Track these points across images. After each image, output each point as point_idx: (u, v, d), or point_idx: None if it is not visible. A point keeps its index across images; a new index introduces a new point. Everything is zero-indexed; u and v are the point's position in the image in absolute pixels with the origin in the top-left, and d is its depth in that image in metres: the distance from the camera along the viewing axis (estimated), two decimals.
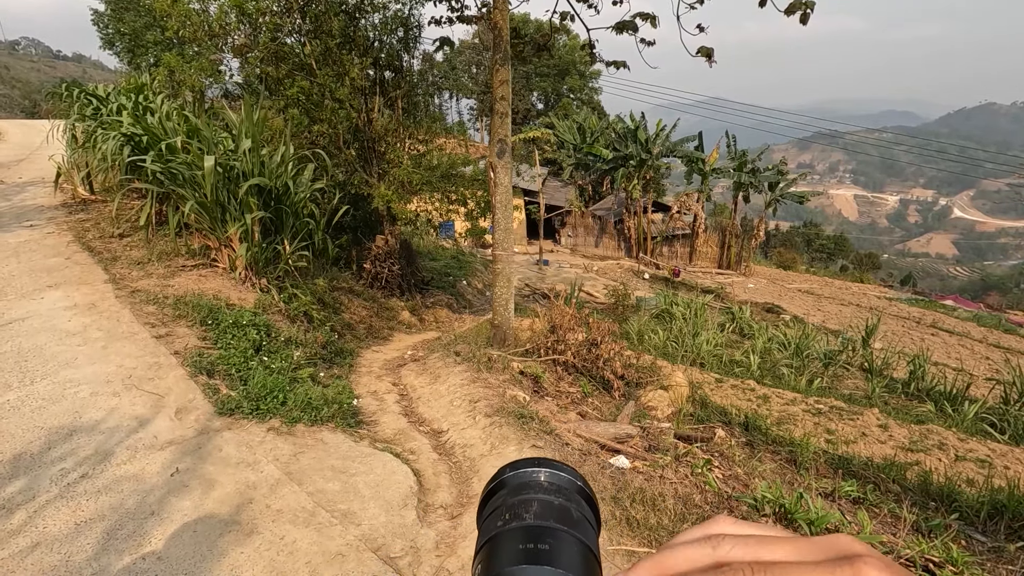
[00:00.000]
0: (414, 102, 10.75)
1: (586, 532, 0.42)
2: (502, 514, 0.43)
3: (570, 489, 0.47)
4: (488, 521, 0.44)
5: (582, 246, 28.17)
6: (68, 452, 3.27)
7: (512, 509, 0.43)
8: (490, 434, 4.25)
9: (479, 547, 0.42)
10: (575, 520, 0.42)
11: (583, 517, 0.44)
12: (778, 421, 6.60)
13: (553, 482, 0.47)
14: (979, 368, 12.32)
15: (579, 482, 0.48)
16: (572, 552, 0.39)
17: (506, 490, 0.47)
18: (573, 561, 0.38)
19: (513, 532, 0.40)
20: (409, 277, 11.09)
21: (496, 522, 0.42)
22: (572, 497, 0.46)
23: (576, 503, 0.45)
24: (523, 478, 0.47)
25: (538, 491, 0.45)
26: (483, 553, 0.40)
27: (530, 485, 0.46)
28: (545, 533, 0.40)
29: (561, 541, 0.39)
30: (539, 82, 41.07)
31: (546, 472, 0.47)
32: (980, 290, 63.55)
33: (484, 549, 0.41)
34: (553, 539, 0.39)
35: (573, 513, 0.43)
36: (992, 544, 3.97)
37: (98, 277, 5.90)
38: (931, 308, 23.07)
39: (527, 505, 0.43)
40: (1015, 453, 6.19)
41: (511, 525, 0.41)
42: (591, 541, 0.42)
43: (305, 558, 2.69)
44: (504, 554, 0.38)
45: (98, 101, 9.05)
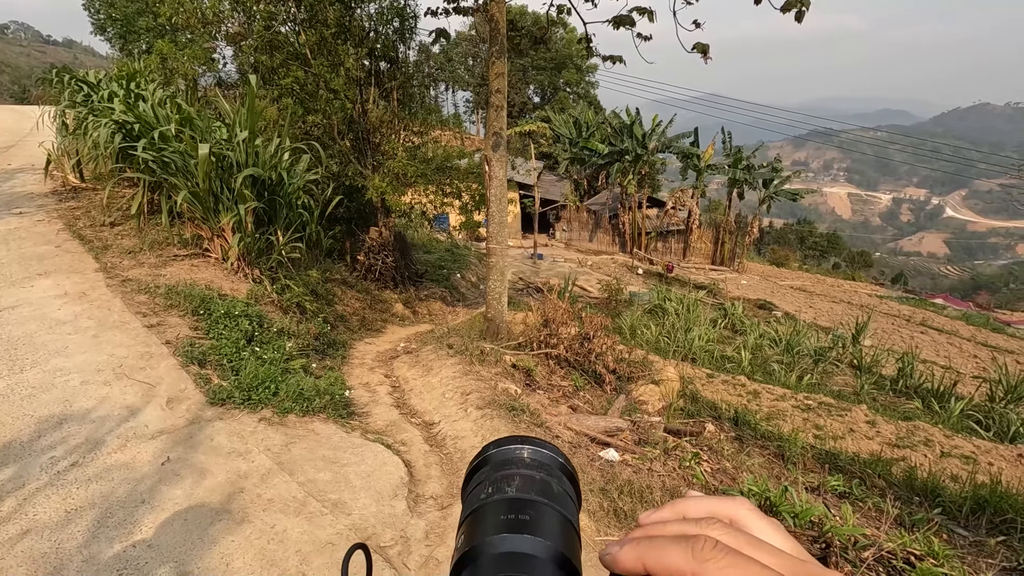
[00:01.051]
0: (409, 94, 10.70)
1: (566, 506, 0.43)
2: (485, 488, 0.44)
3: (551, 465, 0.48)
4: (472, 495, 0.46)
5: (576, 241, 28.19)
6: (58, 440, 3.27)
7: (495, 483, 0.44)
8: (481, 426, 4.27)
9: (463, 519, 0.43)
10: (556, 494, 0.44)
11: (564, 492, 0.45)
12: (768, 416, 6.67)
13: (535, 458, 0.48)
14: (967, 366, 12.47)
15: (560, 459, 0.49)
16: (552, 523, 0.40)
17: (490, 466, 0.48)
18: (552, 531, 0.39)
19: (496, 504, 0.42)
20: (403, 270, 11.08)
21: (479, 495, 0.44)
22: (554, 473, 0.47)
23: (557, 479, 0.47)
24: (506, 455, 0.49)
25: (520, 467, 0.47)
26: (466, 524, 0.42)
27: (513, 461, 0.48)
28: (526, 505, 0.41)
29: (541, 513, 0.41)
30: (536, 75, 40.94)
31: (529, 449, 0.49)
32: (970, 289, 64.19)
33: (467, 520, 0.42)
34: (534, 511, 0.41)
35: (554, 487, 0.45)
36: (973, 538, 4.04)
37: (89, 266, 5.86)
38: (921, 306, 23.28)
39: (510, 479, 0.45)
40: (999, 450, 6.29)
41: (494, 497, 0.42)
42: (571, 514, 0.43)
43: (295, 547, 2.71)
44: (486, 524, 0.40)
45: (89, 88, 8.95)
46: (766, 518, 0.35)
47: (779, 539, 0.34)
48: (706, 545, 0.30)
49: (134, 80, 8.76)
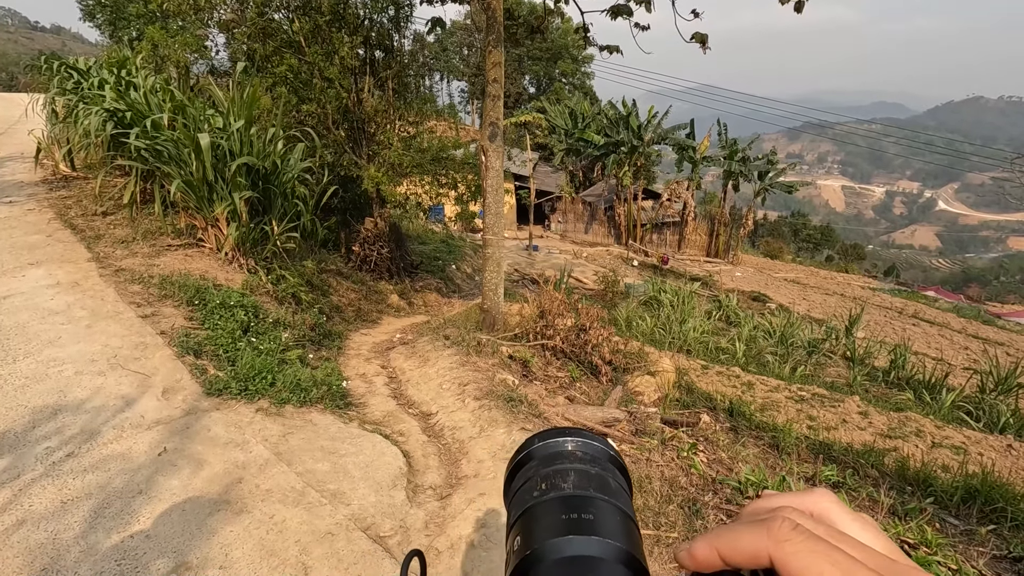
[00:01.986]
0: (405, 83, 10.61)
1: (625, 501, 0.41)
2: (537, 484, 0.41)
3: (603, 458, 0.46)
4: (521, 492, 0.42)
5: (572, 232, 28.18)
6: (53, 431, 3.24)
7: (548, 479, 0.41)
8: (479, 417, 4.27)
9: (513, 520, 0.40)
10: (613, 489, 0.41)
11: (620, 486, 0.43)
12: (762, 407, 6.71)
13: (586, 451, 0.45)
14: (958, 358, 12.60)
15: (611, 451, 0.47)
16: (615, 521, 0.38)
17: (536, 461, 0.45)
18: (618, 530, 0.37)
19: (552, 503, 0.39)
20: (398, 260, 11.03)
21: (532, 492, 0.41)
22: (606, 466, 0.45)
23: (611, 472, 0.44)
24: (553, 448, 0.46)
25: (572, 460, 0.44)
26: (519, 526, 0.39)
27: (563, 455, 0.45)
28: (586, 503, 0.38)
29: (603, 511, 0.38)
30: (531, 65, 40.71)
31: (577, 441, 0.46)
32: (961, 282, 64.73)
33: (520, 521, 0.39)
34: (595, 509, 0.38)
35: (611, 482, 0.42)
36: (964, 527, 4.09)
37: (81, 255, 5.79)
38: (913, 299, 23.47)
39: (563, 475, 0.42)
40: (989, 440, 6.36)
41: (549, 495, 0.39)
42: (630, 510, 0.41)
43: (295, 536, 2.71)
44: (545, 525, 0.37)
45: (79, 75, 8.82)
46: (853, 512, 0.32)
47: (869, 536, 0.30)
48: (784, 525, 0.28)
49: (124, 67, 8.63)
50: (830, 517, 0.31)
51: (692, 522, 2.99)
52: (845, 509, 0.32)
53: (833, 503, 0.32)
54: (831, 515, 0.31)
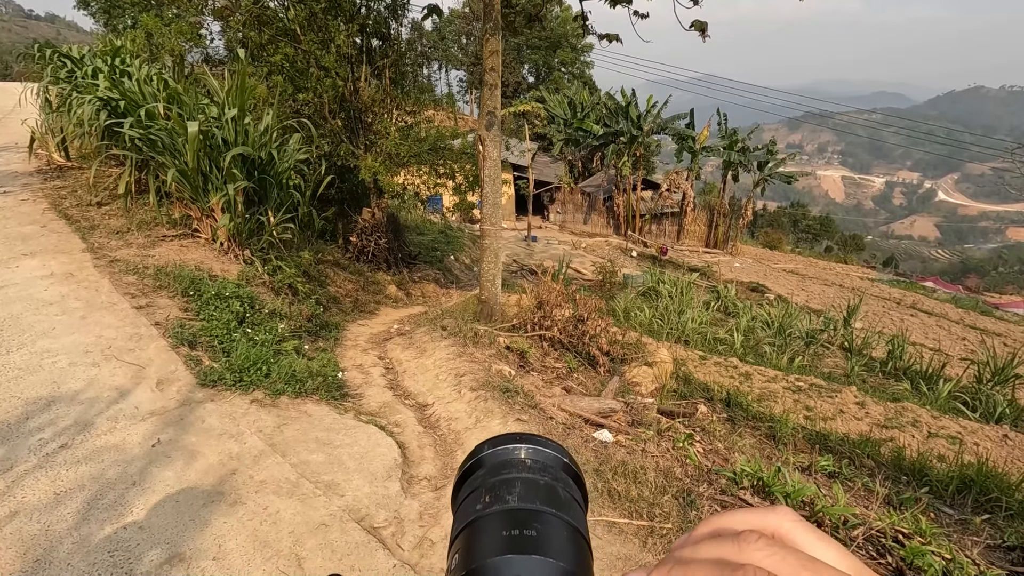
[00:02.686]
0: (402, 72, 10.51)
1: (575, 514, 0.38)
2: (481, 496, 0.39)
3: (555, 467, 0.43)
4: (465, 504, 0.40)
5: (571, 223, 28.10)
6: (47, 422, 3.23)
7: (493, 490, 0.39)
8: (475, 408, 4.27)
9: (456, 533, 0.38)
10: (563, 501, 0.38)
11: (571, 498, 0.40)
12: (759, 398, 6.72)
13: (537, 459, 0.42)
14: (955, 348, 12.62)
15: (565, 459, 0.44)
16: (561, 537, 0.35)
17: (484, 469, 0.42)
18: (563, 548, 0.34)
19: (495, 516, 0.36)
20: (396, 251, 10.99)
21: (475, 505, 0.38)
22: (558, 475, 0.42)
23: (563, 482, 0.41)
24: (503, 456, 0.43)
25: (521, 470, 0.41)
26: (461, 540, 0.36)
27: (512, 463, 0.42)
28: (531, 517, 0.36)
29: (549, 526, 0.35)
30: (530, 54, 40.39)
31: (529, 448, 0.43)
32: (960, 272, 64.80)
33: (462, 536, 0.37)
34: (540, 523, 0.35)
35: (561, 493, 0.39)
36: (959, 517, 4.10)
37: (76, 246, 5.76)
38: (912, 290, 23.47)
39: (510, 486, 0.39)
40: (985, 431, 6.38)
41: (492, 508, 0.37)
42: (581, 524, 0.38)
43: (289, 528, 2.70)
44: (485, 542, 0.34)
45: (72, 63, 8.73)
46: (815, 530, 0.30)
47: (833, 555, 0.28)
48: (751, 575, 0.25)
49: (119, 56, 8.54)
50: (793, 538, 0.29)
51: (686, 513, 2.99)
52: (809, 528, 0.30)
53: (796, 523, 0.30)
54: (795, 536, 0.29)
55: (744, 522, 0.30)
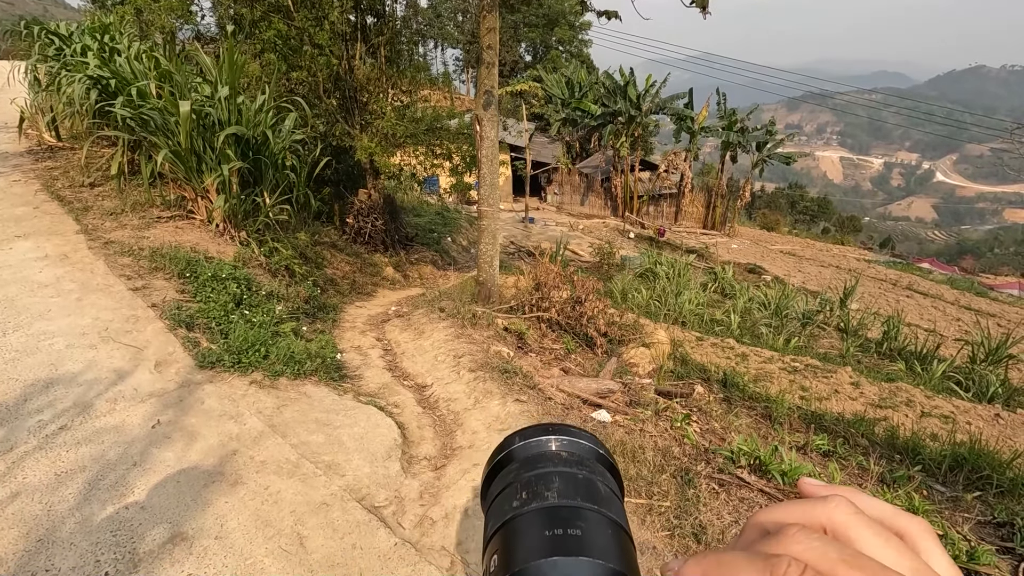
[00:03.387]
0: (397, 50, 10.33)
1: (616, 509, 0.37)
2: (517, 492, 0.37)
3: (591, 459, 0.41)
4: (499, 501, 0.38)
5: (568, 204, 27.98)
6: (46, 404, 3.23)
7: (529, 486, 0.37)
8: (474, 388, 4.28)
9: (490, 533, 0.36)
10: (603, 497, 0.37)
11: (610, 492, 0.38)
12: (755, 378, 6.77)
13: (572, 452, 0.41)
14: (950, 329, 12.71)
15: (600, 450, 0.42)
16: (606, 536, 0.33)
17: (517, 463, 0.40)
18: (609, 546, 0.32)
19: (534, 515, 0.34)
20: (393, 233, 10.94)
21: (510, 502, 0.36)
22: (595, 468, 0.40)
23: (600, 475, 0.39)
24: (536, 448, 0.41)
25: (557, 463, 0.39)
26: (498, 540, 0.34)
27: (546, 456, 0.40)
28: (573, 515, 0.34)
29: (593, 523, 0.34)
30: (527, 32, 39.77)
31: (563, 440, 0.41)
32: (956, 254, 65.00)
33: (499, 535, 0.35)
34: (584, 522, 0.34)
35: (600, 488, 0.37)
36: (951, 494, 4.17)
37: (69, 228, 5.70)
38: (908, 271, 23.56)
39: (547, 481, 0.37)
40: (977, 410, 6.45)
41: (531, 506, 0.35)
42: (622, 519, 0.36)
43: (290, 507, 2.72)
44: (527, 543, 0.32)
45: (61, 40, 8.55)
46: (873, 525, 0.27)
47: (891, 554, 0.26)
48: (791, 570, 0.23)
49: (108, 33, 8.36)
50: (848, 534, 0.27)
51: (684, 491, 3.02)
52: (866, 523, 0.27)
53: (851, 515, 0.27)
54: (849, 531, 0.27)
55: (794, 515, 0.28)
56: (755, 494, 3.06)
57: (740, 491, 3.09)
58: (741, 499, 3.03)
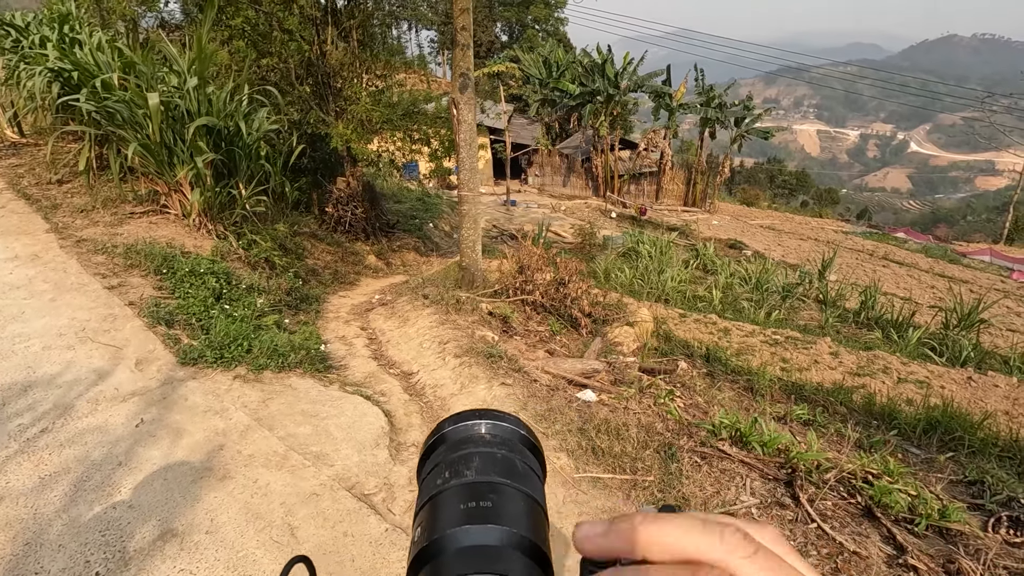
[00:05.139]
0: (370, 33, 10.13)
1: (532, 484, 0.41)
2: (442, 472, 0.41)
3: (514, 439, 0.45)
4: (428, 480, 0.42)
5: (550, 185, 27.90)
6: (25, 408, 3.18)
7: (452, 466, 0.41)
8: (460, 374, 4.31)
9: (419, 508, 0.40)
10: (520, 473, 0.41)
11: (529, 468, 0.42)
12: (738, 352, 6.89)
13: (496, 434, 0.45)
14: (924, 297, 13.03)
15: (523, 431, 0.46)
16: (517, 507, 0.37)
17: (446, 446, 0.45)
18: (518, 516, 0.37)
19: (454, 490, 0.38)
20: (374, 220, 10.84)
21: (436, 480, 0.41)
22: (516, 448, 0.44)
23: (520, 454, 0.44)
24: (463, 432, 0.45)
25: (479, 444, 0.43)
26: (423, 514, 0.39)
27: (471, 439, 0.44)
28: (487, 489, 0.38)
29: (505, 496, 0.38)
30: (503, 12, 39.20)
31: (488, 424, 0.46)
32: (930, 222, 66.28)
33: (424, 510, 0.39)
34: (496, 494, 0.38)
35: (518, 465, 0.42)
36: (925, 456, 4.32)
37: (39, 227, 5.56)
38: (884, 241, 24.00)
39: (468, 460, 0.41)
40: (951, 374, 6.66)
41: (451, 483, 0.39)
42: (538, 493, 0.41)
43: (280, 499, 2.74)
44: (446, 514, 0.37)
45: (17, 32, 8.22)
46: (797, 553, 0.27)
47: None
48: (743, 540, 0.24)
49: (67, 23, 8.07)
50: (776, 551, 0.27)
51: (667, 465, 3.10)
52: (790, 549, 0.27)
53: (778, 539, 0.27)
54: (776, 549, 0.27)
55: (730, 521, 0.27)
56: (736, 465, 3.15)
57: (722, 463, 3.17)
58: (722, 470, 3.11)
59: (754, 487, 2.99)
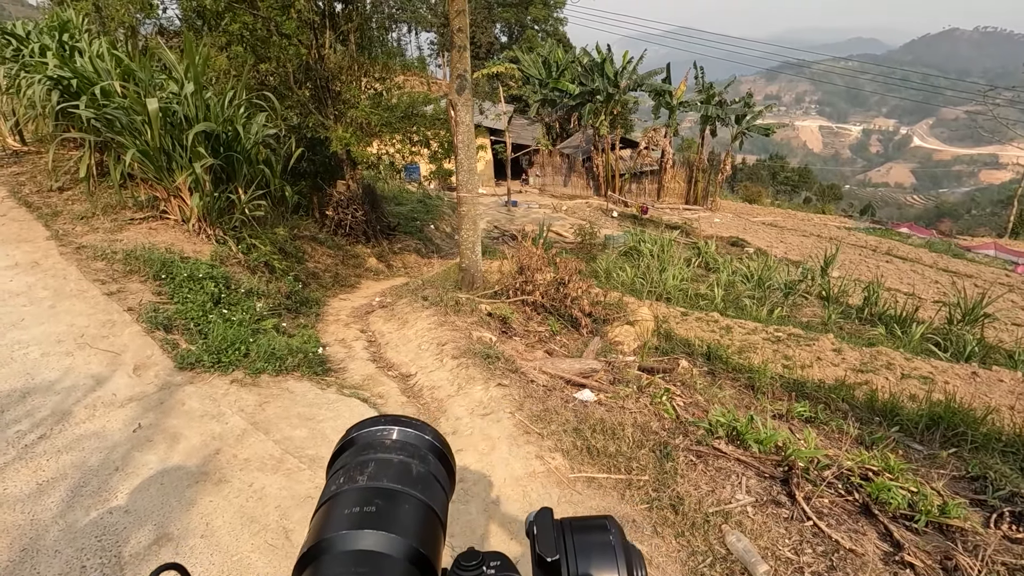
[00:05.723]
0: (368, 36, 10.16)
1: (429, 490, 0.40)
2: (339, 476, 0.42)
3: (418, 445, 0.45)
4: (327, 484, 0.43)
5: (550, 185, 27.89)
6: (23, 414, 3.20)
7: (349, 471, 0.41)
8: (457, 375, 4.31)
9: (314, 512, 0.41)
10: (415, 478, 0.41)
11: (428, 474, 0.42)
12: (739, 350, 6.86)
13: (399, 439, 0.45)
14: (928, 292, 12.95)
15: (429, 437, 0.46)
16: (406, 512, 0.37)
17: (351, 451, 0.45)
18: (405, 522, 0.36)
19: (344, 495, 0.39)
20: (374, 223, 10.86)
21: (331, 486, 0.41)
22: (419, 454, 0.44)
23: (421, 460, 0.43)
24: (368, 438, 0.45)
25: (380, 450, 0.43)
26: (315, 519, 0.39)
27: (374, 444, 0.44)
28: (374, 494, 0.38)
29: (392, 501, 0.38)
30: (501, 12, 39.22)
31: (394, 429, 0.46)
32: (934, 217, 65.88)
33: (317, 514, 0.39)
34: (383, 500, 0.38)
35: (414, 470, 0.42)
36: (928, 452, 4.29)
37: (39, 234, 5.59)
38: (887, 236, 23.88)
39: (364, 466, 0.42)
40: (955, 369, 6.61)
41: (344, 488, 0.40)
42: (434, 499, 0.40)
43: (275, 502, 2.74)
44: (332, 517, 0.37)
45: (17, 41, 8.28)
46: None
47: None
48: None
49: (67, 31, 8.12)
50: None
51: (662, 464, 3.09)
52: None
53: None
54: None
55: None
56: (732, 463, 3.13)
57: (717, 461, 3.16)
58: (718, 469, 3.10)
59: (750, 485, 2.97)
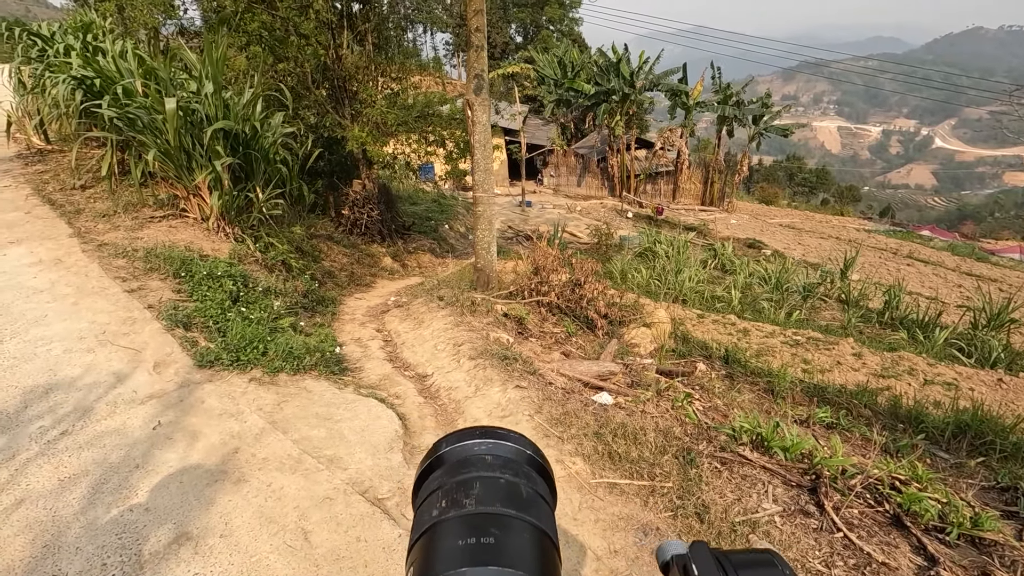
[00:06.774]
0: (385, 37, 10.19)
1: (540, 513, 0.36)
2: (438, 500, 0.36)
3: (519, 461, 0.40)
4: (423, 508, 0.37)
5: (565, 186, 27.80)
6: (46, 410, 3.23)
7: (450, 493, 0.36)
8: (474, 376, 4.28)
9: (413, 541, 0.35)
10: (526, 500, 0.36)
11: (536, 494, 0.37)
12: (757, 353, 6.77)
13: (499, 455, 0.40)
14: (951, 296, 12.69)
15: (528, 451, 0.41)
16: (522, 542, 0.33)
17: (444, 468, 0.40)
18: (523, 553, 0.32)
19: (451, 523, 0.34)
20: (389, 222, 10.89)
21: (431, 510, 0.36)
22: (521, 471, 0.39)
23: (526, 477, 0.39)
24: (461, 452, 0.40)
25: (481, 468, 0.38)
26: (417, 549, 0.34)
27: (471, 461, 0.39)
28: (489, 522, 0.33)
29: (509, 530, 0.33)
30: (517, 13, 39.19)
31: (490, 443, 0.40)
32: (956, 220, 64.66)
33: (419, 544, 0.34)
34: (499, 529, 0.33)
35: (523, 491, 0.37)
36: (954, 461, 4.18)
37: (62, 231, 5.67)
38: (908, 239, 23.45)
39: (467, 487, 0.36)
40: (980, 375, 6.46)
41: (449, 514, 0.35)
42: (546, 523, 0.35)
43: (293, 503, 2.73)
44: (442, 552, 0.32)
45: (43, 42, 8.42)
46: None
47: None
48: None
49: (90, 32, 8.24)
50: None
51: (686, 471, 3.03)
52: None
53: None
54: None
55: None
56: (757, 471, 3.07)
57: (743, 468, 3.09)
58: (743, 476, 3.03)
59: (776, 494, 2.90)
